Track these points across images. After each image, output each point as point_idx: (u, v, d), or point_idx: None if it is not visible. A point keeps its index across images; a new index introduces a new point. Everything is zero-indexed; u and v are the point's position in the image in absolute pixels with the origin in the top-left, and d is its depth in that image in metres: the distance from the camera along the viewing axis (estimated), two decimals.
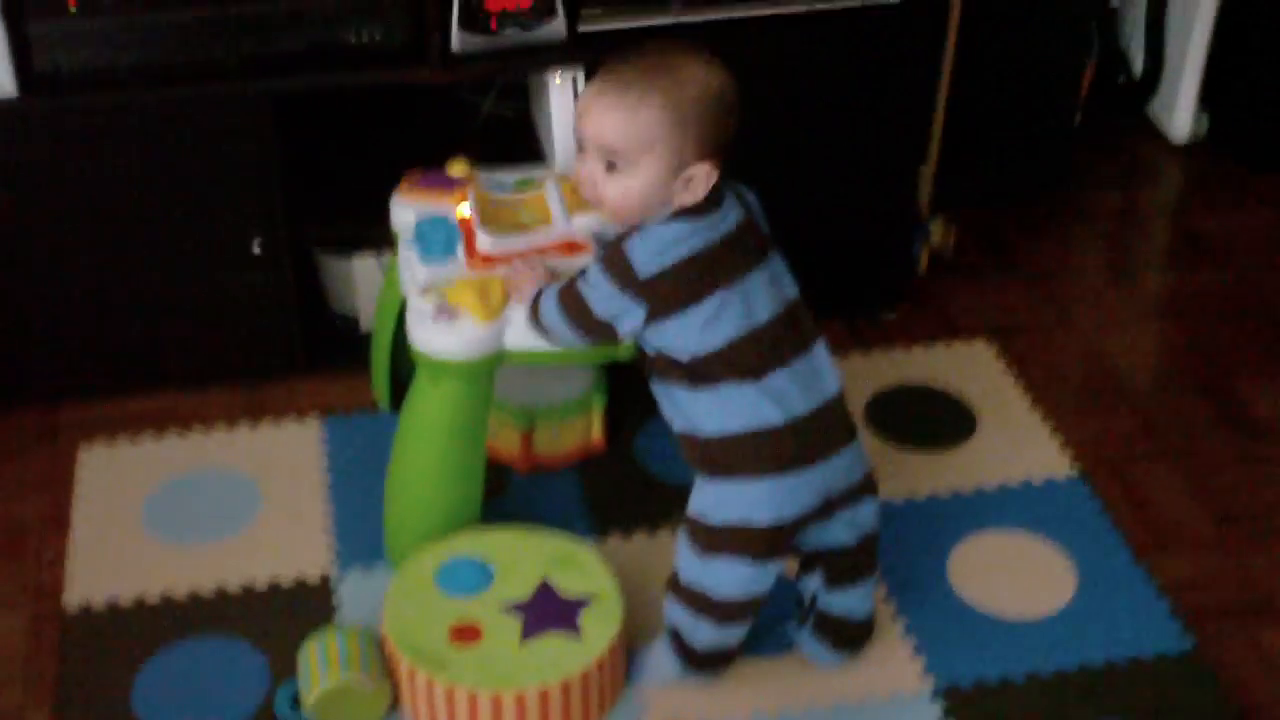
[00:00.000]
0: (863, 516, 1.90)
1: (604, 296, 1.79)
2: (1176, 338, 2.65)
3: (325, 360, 2.49)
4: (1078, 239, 2.90)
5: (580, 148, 1.78)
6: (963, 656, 2.01)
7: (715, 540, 1.83)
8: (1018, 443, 2.38)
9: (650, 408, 2.36)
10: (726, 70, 1.76)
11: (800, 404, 1.79)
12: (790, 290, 1.83)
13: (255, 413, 2.41)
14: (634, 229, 1.78)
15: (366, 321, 2.51)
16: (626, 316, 1.79)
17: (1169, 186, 3.07)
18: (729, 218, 1.79)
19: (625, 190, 1.75)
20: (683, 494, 2.21)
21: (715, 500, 1.82)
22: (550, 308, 1.88)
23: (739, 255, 1.79)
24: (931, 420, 2.42)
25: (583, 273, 1.84)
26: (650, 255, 1.75)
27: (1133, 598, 2.10)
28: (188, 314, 2.38)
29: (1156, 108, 3.15)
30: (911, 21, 2.37)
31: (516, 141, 2.61)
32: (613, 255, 1.79)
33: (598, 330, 1.84)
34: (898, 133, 2.49)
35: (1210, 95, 3.08)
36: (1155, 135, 3.16)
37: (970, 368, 2.54)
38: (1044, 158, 2.96)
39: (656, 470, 2.31)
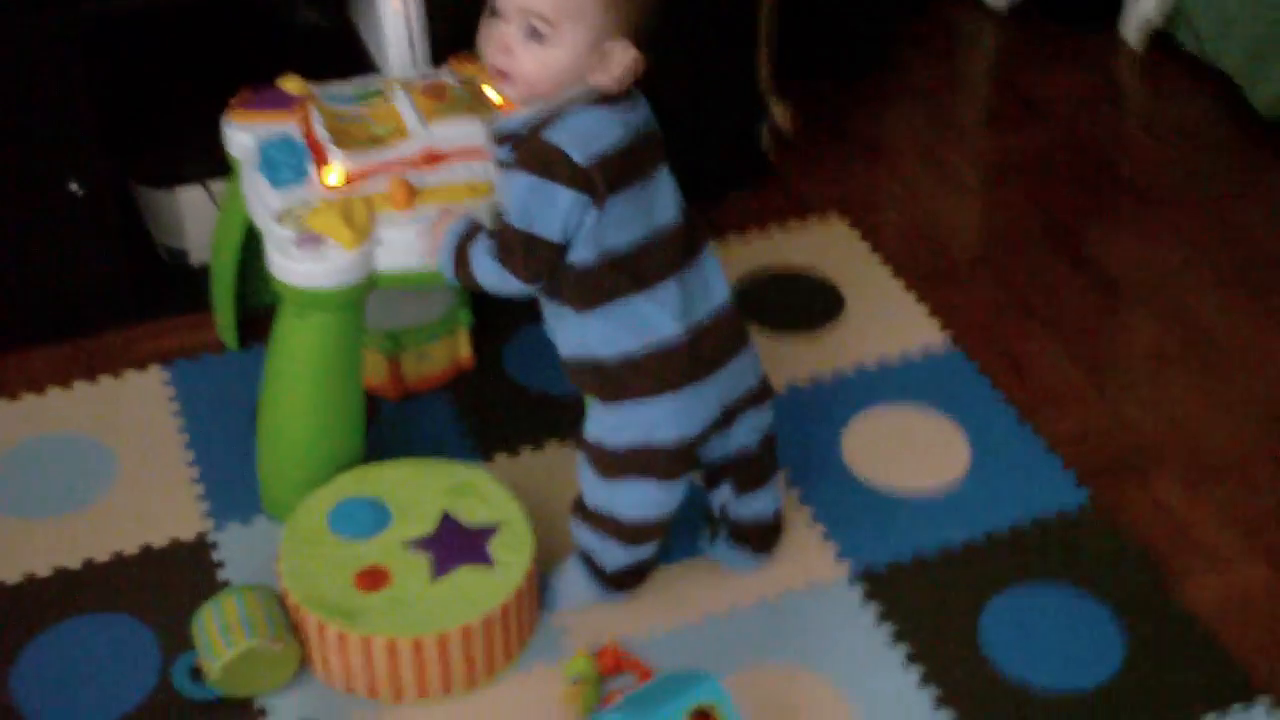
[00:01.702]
0: (762, 419, 1.85)
1: (548, 202, 1.62)
2: (1021, 199, 2.65)
3: (157, 303, 2.31)
4: (911, 110, 2.87)
5: (493, 12, 1.62)
6: (873, 538, 1.98)
7: (620, 464, 1.75)
8: (888, 317, 2.35)
9: (516, 320, 2.28)
10: None
11: (694, 316, 1.71)
12: (678, 203, 1.74)
13: (91, 368, 2.22)
14: (548, 119, 1.64)
15: (197, 256, 2.34)
16: (576, 213, 1.62)
17: (990, 51, 3.07)
18: (641, 112, 1.69)
19: (545, 61, 1.61)
20: (560, 404, 2.16)
21: (616, 424, 1.74)
22: (485, 263, 1.69)
23: (650, 152, 1.69)
24: (799, 302, 2.38)
25: (502, 222, 1.67)
26: (581, 142, 1.62)
27: (1026, 459, 2.10)
28: (3, 267, 2.17)
29: None
30: None
31: (336, 51, 2.45)
32: (539, 151, 1.62)
33: (551, 260, 1.65)
34: (732, 12, 2.42)
35: None
36: (973, 2, 3.15)
37: (828, 245, 2.50)
38: (871, 30, 2.92)
39: (530, 382, 2.21)
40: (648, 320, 1.69)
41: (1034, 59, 3.01)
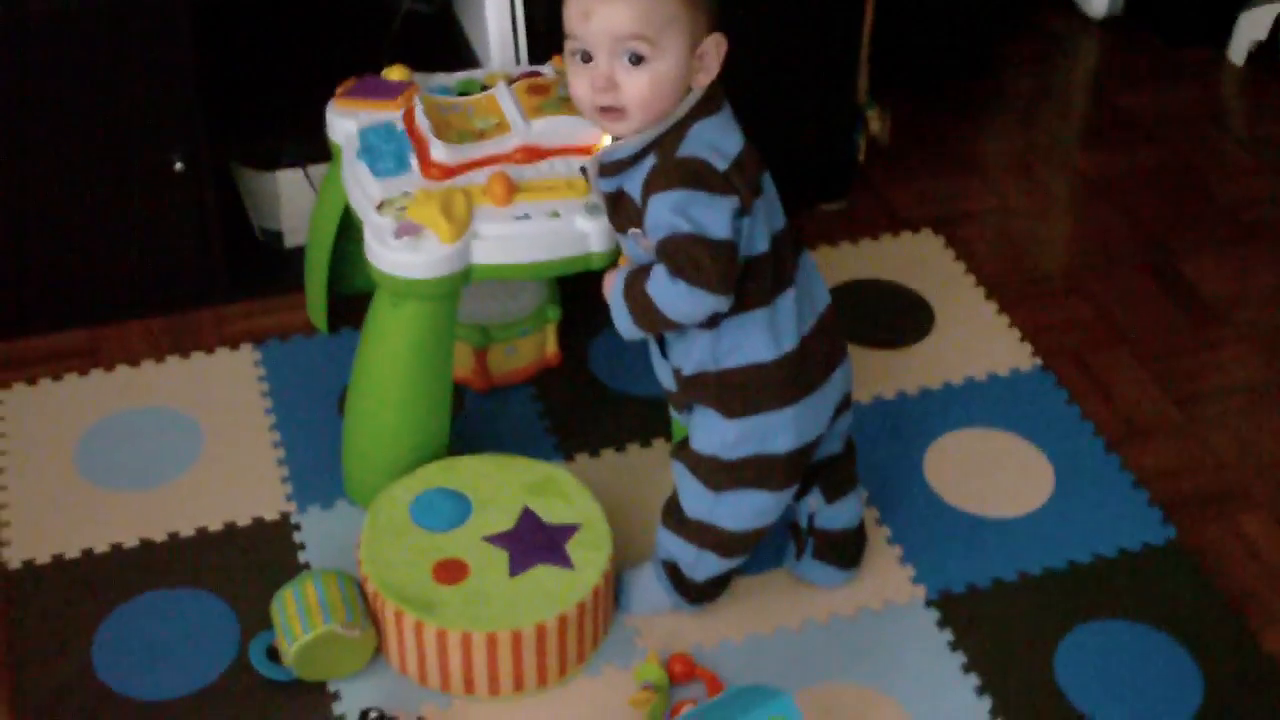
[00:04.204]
0: (847, 423, 1.84)
1: (710, 208, 1.57)
2: (1114, 217, 2.62)
3: (250, 283, 2.34)
4: (1006, 122, 2.85)
5: (582, 55, 1.61)
6: (951, 560, 1.97)
7: (734, 476, 1.73)
8: (977, 335, 2.33)
9: (603, 318, 2.28)
10: None
11: (807, 322, 1.70)
12: (780, 206, 1.74)
13: (183, 344, 2.25)
14: (669, 139, 1.61)
15: (291, 239, 2.37)
16: (735, 219, 1.59)
17: (1089, 63, 3.04)
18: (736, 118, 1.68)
19: (655, 78, 1.57)
20: (644, 406, 2.16)
21: (736, 436, 1.71)
22: (670, 291, 1.60)
23: (758, 155, 1.68)
24: (888, 316, 2.36)
25: (665, 240, 1.59)
26: (716, 151, 1.60)
27: (1111, 489, 2.08)
28: (104, 240, 2.21)
29: None
30: None
31: (437, 41, 2.46)
32: (681, 167, 1.59)
33: (730, 260, 1.59)
34: (833, 18, 2.40)
35: None
36: (1072, 11, 3.12)
37: (920, 259, 2.48)
38: (970, 40, 2.89)
39: (614, 383, 2.22)
40: (776, 328, 1.67)
41: (1134, 73, 2.98)
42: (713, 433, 1.73)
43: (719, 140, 1.62)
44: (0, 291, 2.21)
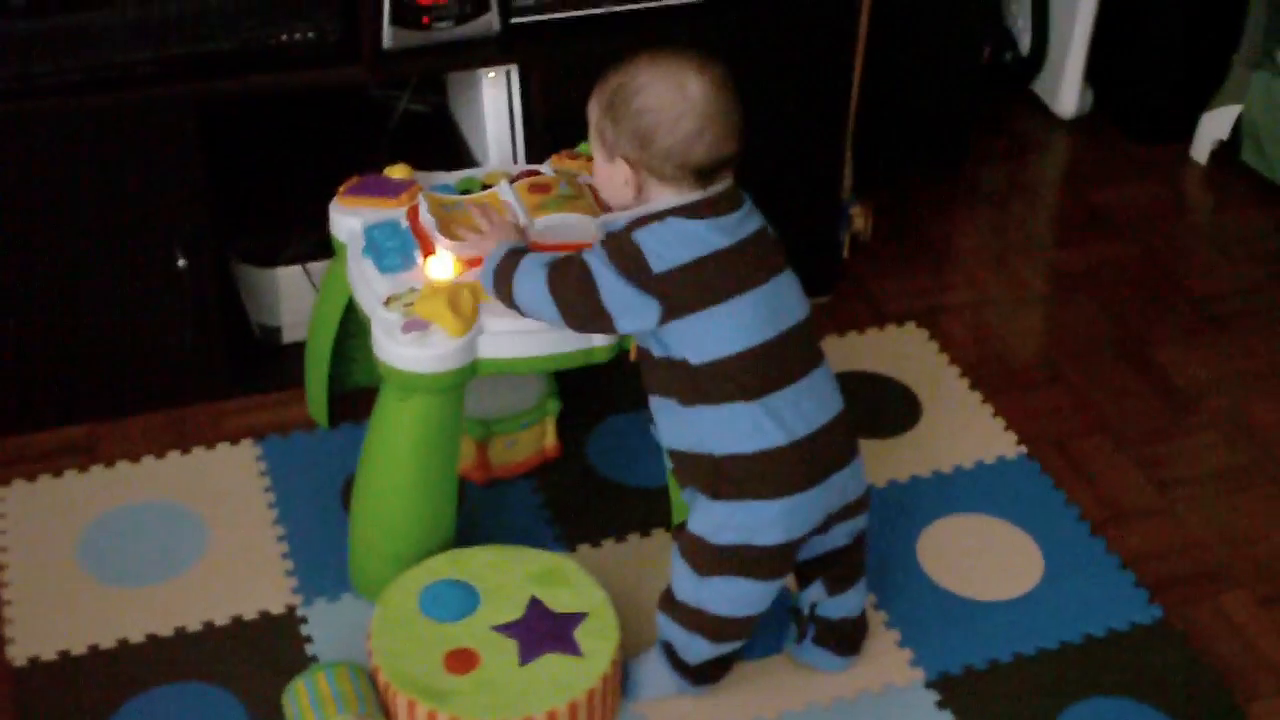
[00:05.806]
0: (857, 524, 1.88)
1: (610, 286, 1.72)
2: (1088, 308, 2.69)
3: (249, 379, 2.36)
4: (981, 217, 2.94)
5: None
6: (948, 642, 2.01)
7: (718, 561, 1.78)
8: (963, 424, 2.39)
9: (601, 410, 2.33)
10: (719, 84, 1.73)
11: (805, 425, 1.75)
12: (802, 309, 1.80)
13: (183, 439, 2.27)
14: (644, 220, 1.73)
15: (290, 335, 2.40)
16: (633, 313, 1.72)
17: (1060, 161, 3.13)
18: (749, 223, 1.75)
19: (598, 168, 1.79)
20: (643, 496, 2.20)
21: (721, 521, 1.77)
22: (534, 285, 1.77)
23: (758, 262, 1.74)
24: (878, 407, 2.42)
25: (583, 255, 1.76)
26: (664, 248, 1.71)
27: (1098, 571, 2.13)
28: (104, 335, 2.24)
29: (1043, 84, 3.21)
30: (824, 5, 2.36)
31: (434, 140, 2.52)
32: (621, 244, 1.73)
33: (594, 318, 1.75)
34: (819, 118, 2.48)
35: (1095, 71, 3.15)
36: (1042, 112, 3.22)
37: (904, 351, 2.54)
38: (945, 139, 2.98)
39: (612, 473, 2.25)
40: (756, 425, 1.73)
41: (1103, 170, 3.07)
42: (700, 513, 1.79)
43: (680, 240, 1.71)
44: (0, 386, 2.23)
